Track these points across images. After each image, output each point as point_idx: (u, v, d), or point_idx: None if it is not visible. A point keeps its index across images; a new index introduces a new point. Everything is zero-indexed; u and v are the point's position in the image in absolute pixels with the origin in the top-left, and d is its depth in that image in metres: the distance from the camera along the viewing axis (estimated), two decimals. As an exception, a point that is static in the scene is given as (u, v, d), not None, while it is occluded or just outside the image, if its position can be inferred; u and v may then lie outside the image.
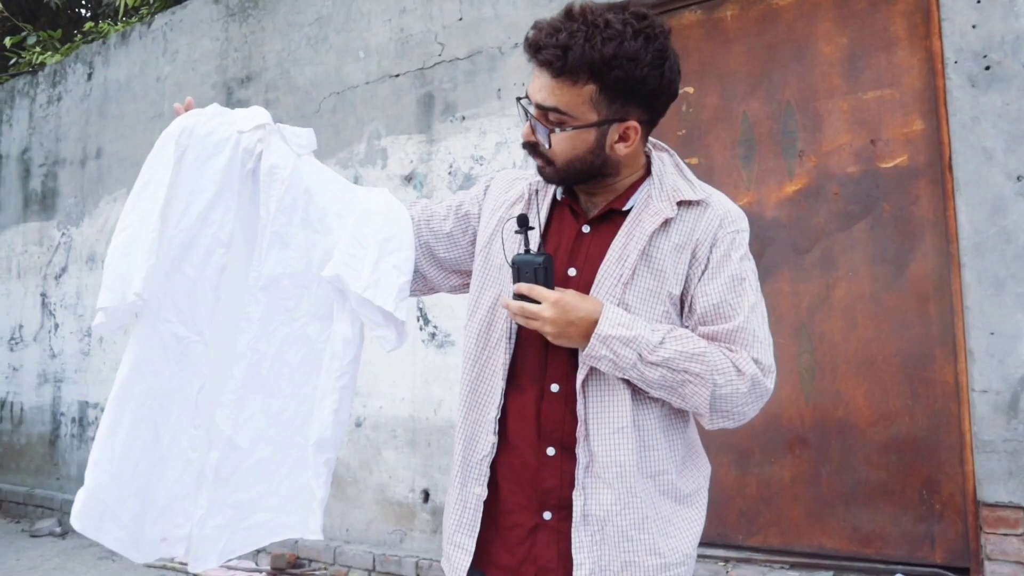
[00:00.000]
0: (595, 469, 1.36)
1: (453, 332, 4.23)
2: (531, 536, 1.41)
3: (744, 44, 3.61)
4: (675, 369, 1.32)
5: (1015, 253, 2.87)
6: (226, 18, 5.50)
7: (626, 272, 1.38)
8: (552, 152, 1.39)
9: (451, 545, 1.47)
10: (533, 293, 1.34)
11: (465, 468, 1.47)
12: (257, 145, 1.53)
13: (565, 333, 1.34)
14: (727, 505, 3.46)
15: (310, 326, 1.58)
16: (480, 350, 1.50)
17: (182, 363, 1.50)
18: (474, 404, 1.49)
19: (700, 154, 3.65)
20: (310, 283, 1.57)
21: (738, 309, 1.39)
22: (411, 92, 4.52)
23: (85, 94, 6.49)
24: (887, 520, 3.16)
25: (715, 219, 1.44)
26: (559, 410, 1.41)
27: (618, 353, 1.31)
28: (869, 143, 3.28)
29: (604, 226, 1.46)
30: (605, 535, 1.36)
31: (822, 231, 3.36)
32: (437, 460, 4.20)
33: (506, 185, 1.60)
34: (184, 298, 1.50)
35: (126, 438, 1.45)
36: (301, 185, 1.55)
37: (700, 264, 1.41)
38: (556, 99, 1.34)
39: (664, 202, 1.43)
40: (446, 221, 1.62)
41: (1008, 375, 2.87)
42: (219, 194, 1.51)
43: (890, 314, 3.20)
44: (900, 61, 3.24)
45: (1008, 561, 2.85)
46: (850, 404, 3.26)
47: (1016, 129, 2.90)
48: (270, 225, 1.53)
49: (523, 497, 1.42)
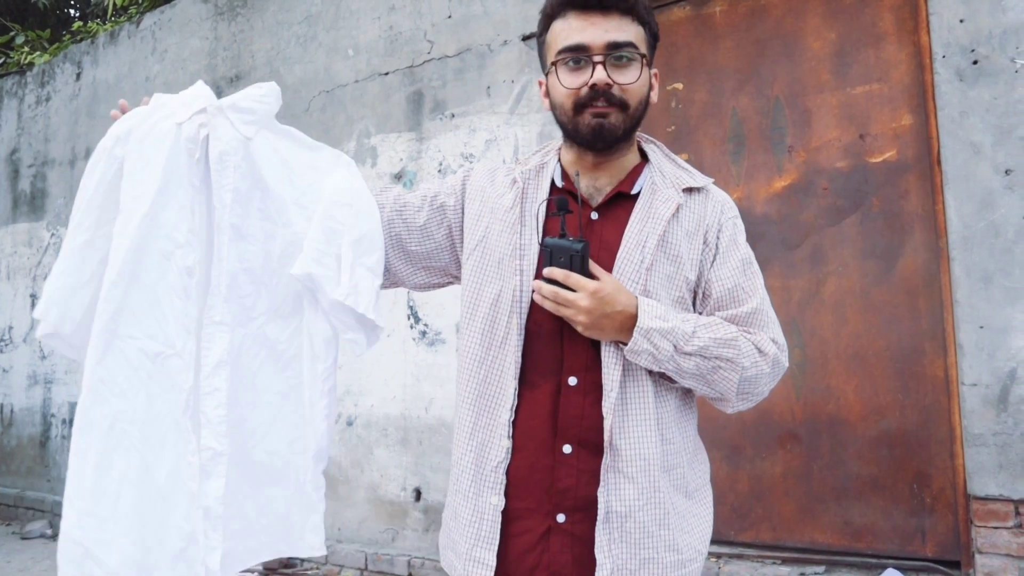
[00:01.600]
0: (619, 464, 1.32)
1: (444, 330, 4.22)
2: (543, 541, 1.34)
3: (733, 40, 3.60)
4: (708, 357, 1.33)
5: (1003, 247, 2.88)
6: (215, 17, 5.48)
7: (647, 257, 1.37)
8: (629, 91, 1.39)
9: (470, 561, 1.37)
10: (570, 281, 1.30)
11: (479, 477, 1.39)
12: (200, 131, 1.40)
13: (598, 325, 1.31)
14: (719, 501, 3.43)
15: (269, 325, 1.45)
16: (485, 350, 1.43)
17: (160, 382, 1.35)
18: (483, 407, 1.41)
19: (690, 150, 3.65)
20: (268, 278, 1.45)
21: (752, 292, 1.42)
22: (400, 90, 4.51)
23: (74, 94, 6.46)
24: (878, 514, 3.16)
25: (718, 205, 1.47)
26: (578, 404, 1.36)
27: (658, 346, 1.30)
28: (858, 138, 3.28)
29: (613, 211, 1.44)
30: (625, 531, 1.32)
31: (812, 226, 3.36)
32: (429, 458, 4.19)
33: (488, 176, 1.55)
34: (147, 310, 1.36)
35: (95, 469, 1.29)
36: (255, 172, 1.43)
37: (711, 249, 1.43)
38: (628, 35, 1.39)
39: (671, 189, 1.43)
40: (420, 213, 1.54)
41: (997, 368, 2.87)
42: (165, 192, 1.37)
43: (880, 309, 3.20)
44: (888, 56, 3.24)
45: (998, 554, 2.85)
46: (841, 399, 3.26)
47: (1004, 123, 2.90)
48: (227, 217, 1.41)
49: (533, 501, 1.35)
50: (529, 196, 1.47)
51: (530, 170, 1.50)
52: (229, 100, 1.43)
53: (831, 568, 3.20)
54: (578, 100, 1.38)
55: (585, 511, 1.33)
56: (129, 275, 1.34)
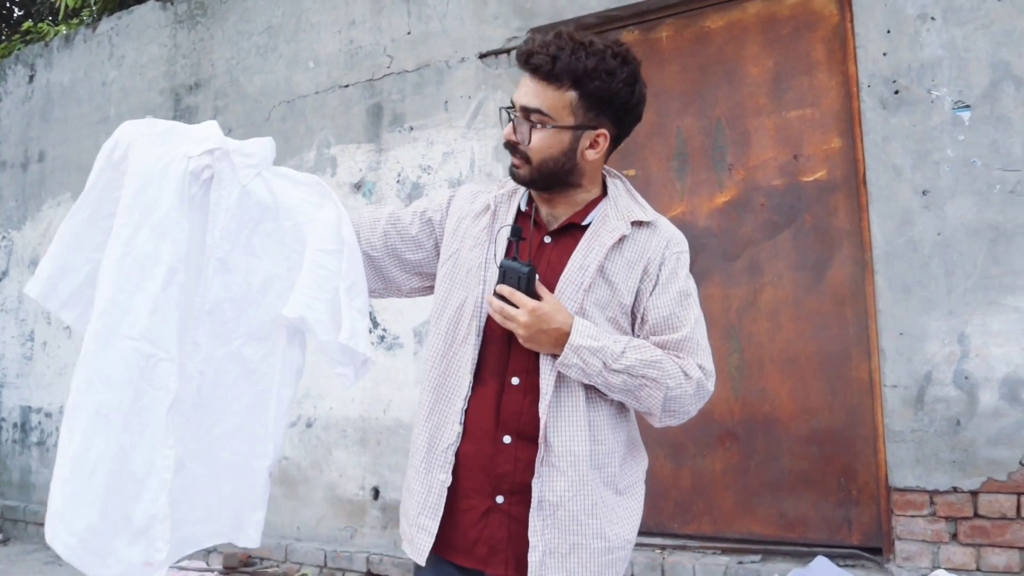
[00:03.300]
0: (551, 458, 1.51)
1: (402, 335, 4.37)
2: (484, 518, 1.54)
3: (679, 64, 3.85)
4: (635, 375, 1.51)
5: (921, 261, 3.16)
6: (174, 24, 5.54)
7: (586, 280, 1.56)
8: (530, 149, 1.56)
9: (415, 527, 1.58)
10: (514, 298, 1.50)
11: (430, 456, 1.59)
12: (205, 171, 1.56)
13: (535, 339, 1.50)
14: (663, 496, 3.69)
15: (245, 347, 1.61)
16: (447, 347, 1.62)
17: (151, 380, 1.50)
18: (441, 397, 1.61)
19: (637, 166, 3.88)
20: (248, 306, 1.61)
21: (685, 321, 1.60)
22: (360, 102, 4.65)
23: (26, 96, 6.43)
24: (809, 506, 3.43)
25: (663, 240, 1.65)
26: (518, 402, 1.56)
27: (587, 361, 1.49)
28: (792, 158, 3.55)
29: (563, 238, 1.63)
30: (557, 519, 1.50)
31: (749, 240, 3.61)
32: (387, 458, 4.34)
33: (470, 197, 1.74)
34: (147, 315, 1.50)
35: (80, 446, 1.48)
36: (246, 214, 1.60)
37: (651, 280, 1.61)
38: (540, 101, 1.53)
39: (620, 220, 1.62)
40: (412, 225, 1.73)
41: (915, 372, 3.15)
42: (171, 214, 1.52)
43: (811, 317, 3.47)
44: (820, 83, 3.52)
45: (915, 540, 3.13)
46: (775, 400, 3.52)
47: (921, 148, 3.19)
48: (215, 252, 1.57)
49: (477, 482, 1.55)
50: (499, 218, 1.67)
51: (503, 194, 1.70)
52: (236, 144, 1.59)
53: (767, 557, 3.45)
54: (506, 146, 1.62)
55: (521, 495, 1.53)
56: (136, 282, 1.50)
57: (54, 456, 5.66)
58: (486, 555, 1.54)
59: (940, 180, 3.15)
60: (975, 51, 3.13)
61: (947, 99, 3.16)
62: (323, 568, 4.36)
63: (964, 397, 3.07)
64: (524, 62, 1.54)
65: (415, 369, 4.31)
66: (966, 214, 3.10)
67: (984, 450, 3.03)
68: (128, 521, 1.48)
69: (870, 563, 3.25)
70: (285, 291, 1.62)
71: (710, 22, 3.78)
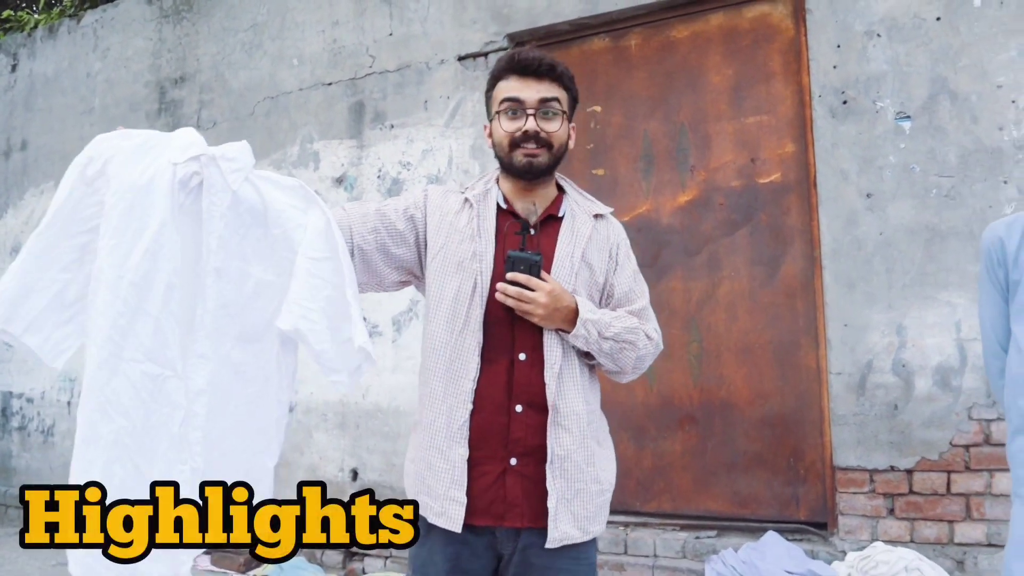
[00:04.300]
0: (558, 419, 1.75)
1: (381, 323, 4.58)
2: (500, 479, 1.73)
3: (646, 70, 4.09)
4: (619, 340, 1.78)
5: (864, 258, 3.43)
6: (160, 19, 5.69)
7: (575, 265, 1.82)
8: (553, 136, 1.81)
9: (446, 500, 1.72)
10: (531, 283, 1.71)
11: (448, 434, 1.74)
12: (193, 178, 1.53)
13: (551, 316, 1.73)
14: (626, 476, 3.93)
15: (235, 350, 1.60)
16: (449, 334, 1.78)
17: (158, 399, 1.50)
18: (451, 379, 1.77)
19: (606, 166, 4.12)
20: (239, 311, 1.60)
21: (641, 294, 1.92)
22: (343, 100, 4.84)
23: (9, 85, 6.53)
24: (761, 485, 3.70)
25: (615, 228, 1.96)
26: (527, 374, 1.76)
27: (590, 331, 1.75)
28: (749, 161, 3.81)
29: (545, 229, 1.88)
30: (565, 470, 1.73)
31: (709, 236, 3.87)
32: (365, 441, 4.55)
33: (442, 197, 1.94)
34: (150, 336, 1.49)
35: (101, 478, 1.47)
36: (237, 220, 1.59)
37: (614, 262, 1.91)
38: (554, 93, 1.82)
39: (586, 215, 1.91)
40: (398, 221, 1.90)
41: (858, 360, 3.43)
42: (164, 229, 1.50)
43: (765, 308, 3.73)
44: (776, 92, 3.78)
45: (856, 515, 3.41)
46: (731, 386, 3.78)
47: (866, 154, 3.46)
48: (212, 261, 1.55)
49: (491, 450, 1.73)
50: (480, 215, 1.88)
51: (477, 194, 1.92)
52: (220, 150, 1.59)
53: (722, 533, 3.72)
54: (513, 141, 1.82)
55: (532, 456, 1.75)
56: (135, 304, 1.48)
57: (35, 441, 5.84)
58: (503, 511, 1.73)
59: (883, 184, 3.42)
60: (916, 66, 3.41)
61: (890, 110, 3.43)
62: (302, 548, 4.55)
63: (901, 384, 3.36)
64: (533, 69, 1.81)
65: (393, 356, 4.52)
66: (905, 216, 3.38)
67: (919, 432, 3.31)
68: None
69: (816, 537, 3.53)
70: (275, 296, 1.63)
71: (676, 32, 4.03)
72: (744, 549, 3.43)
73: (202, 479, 1.52)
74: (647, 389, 3.93)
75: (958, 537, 3.25)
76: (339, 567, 4.38)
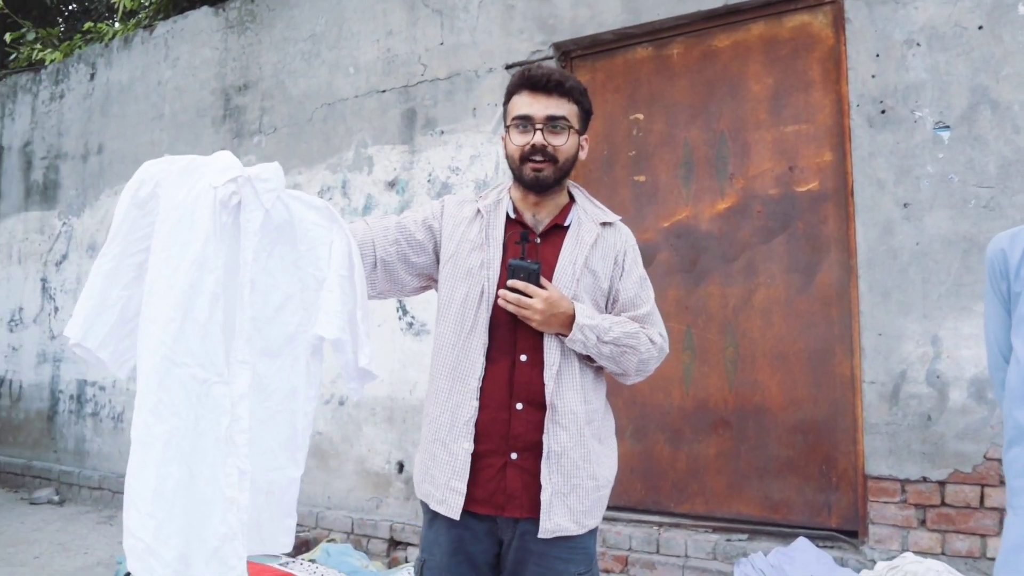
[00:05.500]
0: (556, 417, 1.86)
1: (428, 322, 4.74)
2: (501, 472, 1.85)
3: (687, 79, 4.15)
4: (619, 345, 1.88)
5: (899, 268, 3.44)
6: (225, 29, 5.96)
7: (577, 272, 1.92)
8: (560, 151, 1.91)
9: (446, 490, 1.86)
10: (529, 290, 1.82)
11: (453, 430, 1.87)
12: (232, 198, 1.63)
13: (548, 322, 1.83)
14: (661, 477, 4.01)
15: (259, 364, 1.66)
16: (457, 336, 1.91)
17: (206, 404, 1.57)
18: (457, 377, 1.89)
19: (647, 173, 4.19)
20: (264, 324, 1.67)
21: (646, 300, 2.01)
22: (396, 107, 5.02)
23: (88, 93, 6.91)
24: (793, 491, 3.73)
25: (624, 236, 2.05)
26: (527, 374, 1.87)
27: (587, 336, 1.85)
28: (788, 170, 3.84)
29: (551, 238, 1.99)
30: (561, 465, 1.84)
31: (747, 243, 3.91)
32: (411, 435, 4.72)
33: (457, 207, 2.06)
34: (198, 342, 1.57)
35: (156, 478, 1.53)
36: (269, 236, 1.68)
37: (619, 268, 2.00)
38: (563, 111, 1.92)
39: (592, 223, 2.00)
40: (417, 232, 2.00)
41: (891, 369, 3.44)
42: (208, 244, 1.59)
43: (800, 316, 3.76)
44: (815, 101, 3.80)
45: (887, 524, 3.42)
46: (765, 392, 3.82)
47: (904, 164, 3.46)
48: (247, 272, 1.64)
49: (494, 444, 1.86)
50: (490, 224, 2.00)
51: (489, 204, 2.03)
52: (254, 171, 1.70)
53: (753, 536, 3.76)
54: (522, 154, 1.94)
55: (531, 451, 1.87)
56: (184, 311, 1.57)
57: (106, 427, 6.19)
58: (503, 502, 1.85)
59: (920, 194, 3.42)
60: (956, 76, 3.40)
61: (929, 119, 3.43)
62: (350, 535, 4.75)
63: (935, 394, 3.35)
64: (542, 85, 1.91)
65: (438, 355, 4.67)
66: (942, 226, 3.37)
67: (952, 444, 3.31)
68: (203, 543, 1.55)
69: (846, 545, 3.55)
70: (296, 310, 1.71)
71: (717, 41, 4.08)
72: (774, 553, 3.47)
73: (249, 481, 1.59)
74: (683, 392, 3.99)
75: (991, 552, 3.23)
76: (383, 555, 4.56)
